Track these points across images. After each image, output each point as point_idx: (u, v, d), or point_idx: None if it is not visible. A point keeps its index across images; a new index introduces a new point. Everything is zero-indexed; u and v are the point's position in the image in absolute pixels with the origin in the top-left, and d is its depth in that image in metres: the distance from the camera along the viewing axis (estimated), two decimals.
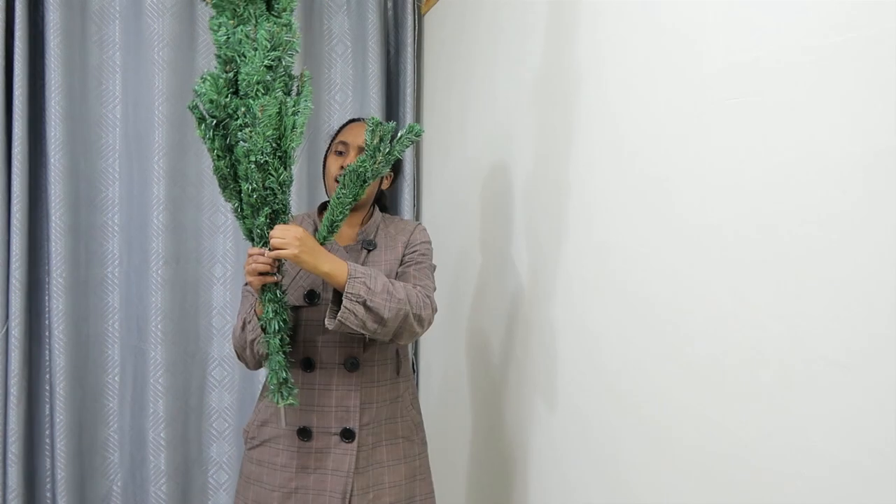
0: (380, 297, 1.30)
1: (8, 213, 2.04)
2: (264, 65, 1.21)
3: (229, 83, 1.24)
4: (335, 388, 1.43)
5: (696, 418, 1.06)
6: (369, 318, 1.30)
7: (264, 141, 1.22)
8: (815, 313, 0.85)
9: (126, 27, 2.17)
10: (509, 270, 1.72)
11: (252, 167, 1.23)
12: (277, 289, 1.32)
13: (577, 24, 1.42)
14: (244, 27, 1.22)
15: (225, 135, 1.25)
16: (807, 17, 0.87)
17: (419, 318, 1.37)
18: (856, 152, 0.80)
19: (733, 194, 0.98)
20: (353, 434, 1.41)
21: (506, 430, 1.72)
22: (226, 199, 1.31)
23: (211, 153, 1.27)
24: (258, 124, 1.22)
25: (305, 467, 1.42)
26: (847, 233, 0.81)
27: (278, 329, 1.31)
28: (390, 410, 1.49)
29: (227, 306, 2.28)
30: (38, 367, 2.15)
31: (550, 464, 1.51)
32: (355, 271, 1.30)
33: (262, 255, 1.28)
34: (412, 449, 1.52)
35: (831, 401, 0.83)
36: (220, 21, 1.23)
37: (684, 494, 1.08)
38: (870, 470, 0.78)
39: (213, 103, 1.23)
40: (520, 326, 1.66)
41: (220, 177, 1.28)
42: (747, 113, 0.96)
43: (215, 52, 1.26)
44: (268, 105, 1.21)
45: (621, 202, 1.26)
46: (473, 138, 1.97)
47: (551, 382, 1.49)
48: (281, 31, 1.23)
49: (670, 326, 1.12)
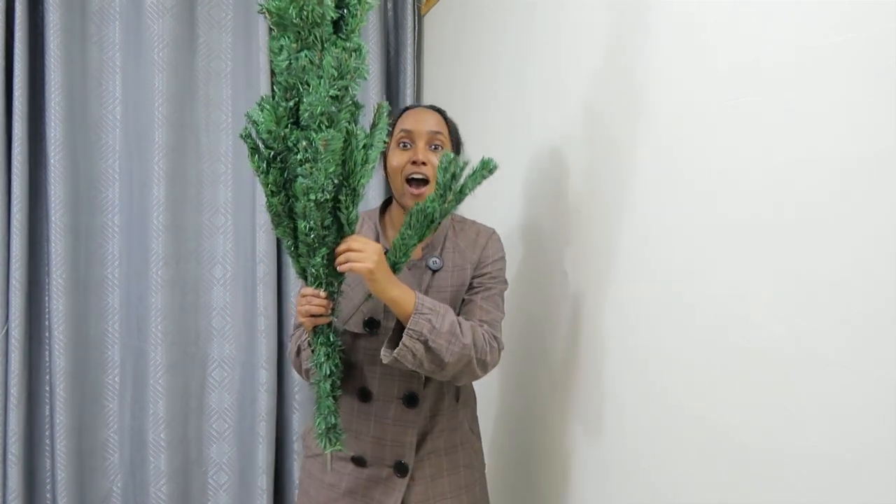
0: (443, 339, 1.19)
1: (8, 214, 2.04)
2: (330, 95, 1.08)
3: (289, 112, 1.11)
4: (392, 422, 1.34)
5: (705, 418, 1.06)
6: (427, 358, 1.19)
7: (326, 178, 1.10)
8: (816, 312, 0.85)
9: (126, 27, 2.17)
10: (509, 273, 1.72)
11: (311, 205, 1.11)
12: (331, 331, 1.22)
13: (577, 24, 1.42)
14: (309, 52, 1.07)
15: (283, 168, 1.13)
16: (807, 18, 0.87)
17: (483, 363, 1.25)
18: (857, 152, 0.80)
19: (734, 194, 0.98)
20: (407, 469, 1.34)
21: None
22: (279, 235, 1.19)
23: (265, 188, 1.14)
24: (320, 159, 1.09)
25: (353, 492, 1.35)
26: (847, 234, 0.81)
27: (329, 374, 1.22)
28: (450, 439, 1.40)
29: (227, 307, 2.28)
30: (38, 367, 2.15)
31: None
32: (422, 305, 1.19)
33: (317, 296, 1.17)
34: (472, 476, 1.43)
35: (831, 399, 0.83)
36: (282, 44, 1.09)
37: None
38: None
39: (270, 134, 1.11)
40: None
41: (273, 213, 1.16)
42: (748, 113, 0.96)
43: (275, 77, 1.12)
44: (332, 139, 1.09)
45: (623, 203, 1.26)
46: (474, 139, 1.97)
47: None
48: (350, 58, 1.08)
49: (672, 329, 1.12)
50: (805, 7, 0.87)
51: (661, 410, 1.15)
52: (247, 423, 2.29)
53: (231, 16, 2.26)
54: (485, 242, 1.38)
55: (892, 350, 0.75)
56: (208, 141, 2.26)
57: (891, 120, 0.76)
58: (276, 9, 1.05)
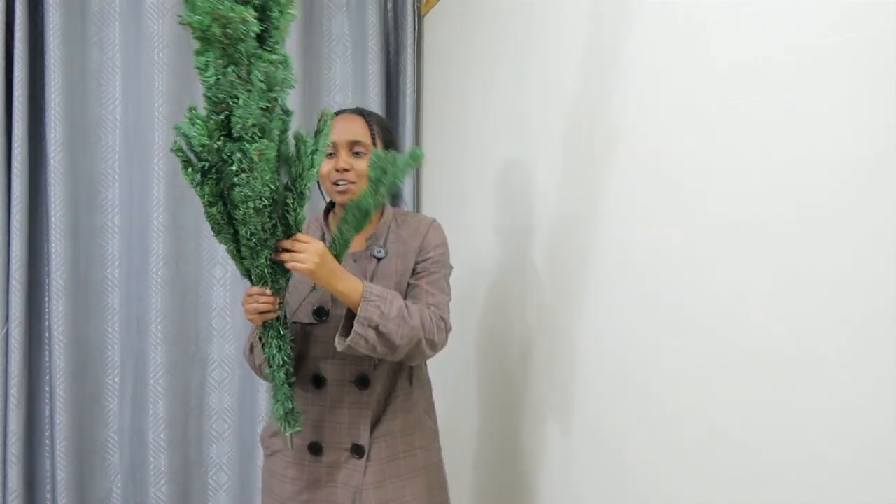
0: (393, 323, 1.26)
1: (8, 214, 2.04)
2: (260, 107, 1.10)
3: (220, 125, 1.13)
4: (346, 405, 1.40)
5: (705, 418, 1.06)
6: (380, 342, 1.26)
7: (263, 185, 1.14)
8: (816, 312, 0.85)
9: (126, 28, 2.17)
10: (509, 273, 1.72)
11: (251, 212, 1.15)
12: (280, 324, 1.28)
13: (577, 25, 1.42)
14: (235, 68, 1.09)
15: (217, 179, 1.17)
16: (806, 18, 0.87)
17: (431, 342, 1.33)
18: (856, 152, 0.80)
19: (734, 194, 0.98)
20: (363, 450, 1.39)
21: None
22: (220, 241, 1.23)
23: (202, 199, 1.18)
24: (256, 168, 1.12)
25: (317, 480, 1.40)
26: (847, 234, 0.81)
27: (283, 363, 1.28)
28: (405, 422, 1.45)
29: (227, 307, 2.28)
30: (38, 367, 2.15)
31: (562, 471, 1.51)
32: (370, 293, 1.26)
33: (263, 294, 1.24)
34: (430, 459, 1.48)
35: (831, 399, 0.83)
36: (208, 60, 1.09)
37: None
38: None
39: (204, 147, 1.13)
40: (531, 329, 1.66)
41: (213, 222, 1.20)
42: (748, 113, 0.96)
43: (204, 91, 1.13)
44: (266, 149, 1.12)
45: (623, 203, 1.26)
46: (474, 139, 1.97)
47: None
48: (277, 71, 1.12)
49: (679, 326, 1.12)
50: (805, 7, 0.87)
51: (661, 411, 1.15)
52: (247, 423, 2.29)
53: None
54: (426, 231, 1.46)
55: (893, 350, 0.75)
56: None
57: (891, 120, 0.76)
58: (199, 24, 1.05)
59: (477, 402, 1.92)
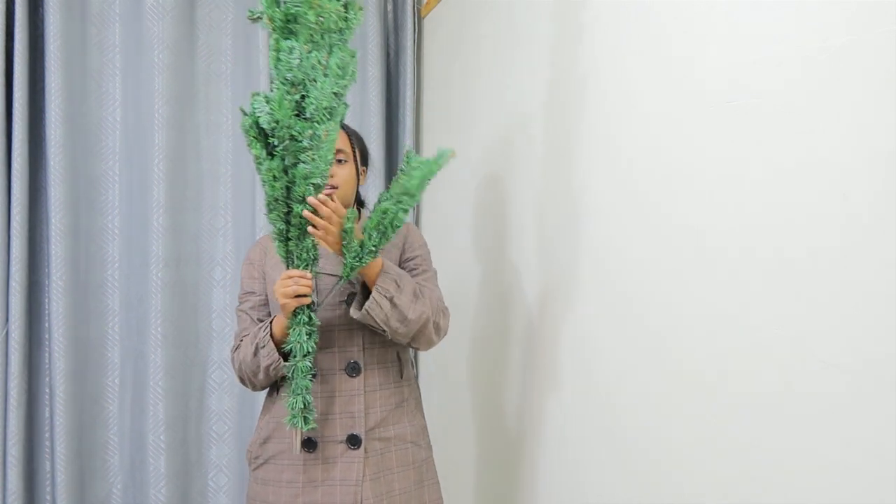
0: (406, 298, 1.34)
1: (8, 216, 2.04)
2: (333, 91, 1.24)
3: (294, 105, 1.24)
4: (338, 394, 1.41)
5: (692, 422, 1.06)
6: (393, 315, 1.33)
7: (325, 165, 1.26)
8: (815, 316, 0.85)
9: (126, 30, 2.17)
10: (508, 273, 1.72)
11: (310, 189, 1.25)
12: (310, 311, 1.31)
13: (577, 27, 1.42)
14: (318, 53, 1.24)
15: (283, 156, 1.26)
16: (806, 20, 0.87)
17: (437, 326, 1.40)
18: (856, 156, 0.80)
19: (732, 198, 0.98)
20: (359, 440, 1.39)
21: (509, 433, 1.72)
22: (271, 221, 1.30)
23: (266, 174, 1.26)
24: (322, 148, 1.24)
25: (312, 480, 1.39)
26: (848, 236, 0.81)
27: (309, 352, 1.30)
28: (396, 415, 1.46)
29: (227, 309, 2.28)
30: (37, 369, 2.14)
31: (557, 463, 1.51)
32: (389, 267, 1.36)
33: (304, 276, 1.28)
34: (420, 453, 1.49)
35: (831, 400, 0.83)
36: (293, 45, 1.24)
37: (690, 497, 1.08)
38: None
39: (278, 124, 1.23)
40: (522, 330, 1.66)
41: (272, 199, 1.27)
42: (746, 116, 0.96)
43: (277, 73, 1.25)
44: (332, 130, 1.25)
45: (621, 205, 1.26)
46: (474, 141, 1.97)
47: (554, 386, 1.49)
48: (351, 62, 1.27)
49: (668, 331, 1.12)
50: (804, 9, 0.87)
51: (660, 410, 1.15)
52: (246, 425, 2.29)
53: (231, 18, 2.27)
54: (405, 230, 1.53)
55: (893, 350, 0.75)
56: (208, 143, 2.26)
57: (891, 123, 0.76)
58: (286, 12, 1.22)
59: (470, 403, 1.91)
